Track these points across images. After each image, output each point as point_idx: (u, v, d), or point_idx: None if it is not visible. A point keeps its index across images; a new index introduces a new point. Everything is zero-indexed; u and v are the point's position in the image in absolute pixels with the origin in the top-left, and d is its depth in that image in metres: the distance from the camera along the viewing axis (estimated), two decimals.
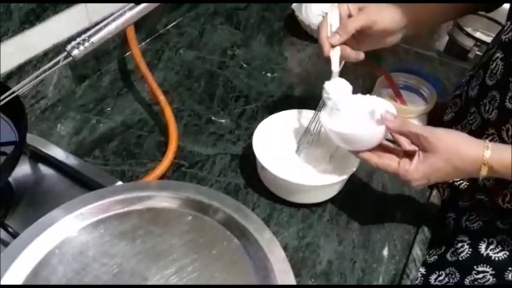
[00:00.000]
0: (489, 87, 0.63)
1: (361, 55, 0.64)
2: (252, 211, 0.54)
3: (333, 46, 0.62)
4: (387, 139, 0.60)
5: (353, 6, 0.64)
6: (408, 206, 0.70)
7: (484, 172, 0.53)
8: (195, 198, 0.54)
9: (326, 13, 0.65)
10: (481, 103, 0.64)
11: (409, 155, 0.57)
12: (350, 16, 0.64)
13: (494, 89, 0.62)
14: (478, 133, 0.65)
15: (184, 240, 0.51)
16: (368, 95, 0.63)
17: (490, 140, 0.63)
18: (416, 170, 0.55)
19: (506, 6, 1.06)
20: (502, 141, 0.61)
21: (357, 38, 0.64)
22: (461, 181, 0.70)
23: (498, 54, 0.62)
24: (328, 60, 0.63)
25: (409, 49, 1.01)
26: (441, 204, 0.72)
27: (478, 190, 0.67)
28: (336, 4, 0.65)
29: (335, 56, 0.62)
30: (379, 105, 0.59)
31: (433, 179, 0.56)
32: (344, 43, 0.62)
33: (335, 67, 0.62)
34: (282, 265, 0.48)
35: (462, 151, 0.54)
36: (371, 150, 0.59)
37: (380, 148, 0.59)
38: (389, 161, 0.57)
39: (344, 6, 0.64)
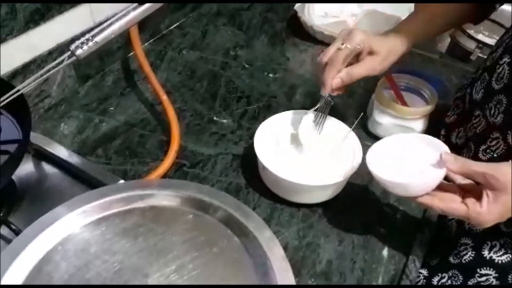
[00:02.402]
0: (496, 91, 0.63)
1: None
2: (253, 210, 0.55)
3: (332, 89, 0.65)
4: None
5: (367, 45, 0.64)
6: (409, 207, 0.70)
7: None
8: (196, 197, 0.55)
9: (342, 44, 0.64)
10: (487, 106, 0.64)
11: (467, 190, 0.55)
12: (359, 52, 0.65)
13: (501, 93, 0.62)
14: (482, 136, 0.65)
15: (185, 238, 0.51)
16: (411, 134, 0.62)
17: (495, 144, 0.63)
18: (489, 212, 0.51)
19: (509, 8, 1.07)
20: (507, 145, 0.61)
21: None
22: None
23: (506, 59, 0.62)
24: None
25: (411, 50, 1.01)
26: None
27: None
28: (354, 33, 0.64)
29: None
30: (429, 144, 0.57)
31: (506, 217, 0.53)
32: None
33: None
34: (282, 263, 0.48)
35: None
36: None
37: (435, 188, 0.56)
38: (455, 204, 0.53)
39: (357, 39, 0.63)
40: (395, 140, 0.61)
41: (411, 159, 0.57)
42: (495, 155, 0.63)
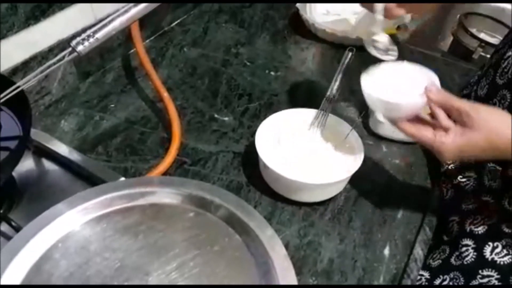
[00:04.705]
0: (500, 86, 0.62)
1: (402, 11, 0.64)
2: (254, 209, 0.54)
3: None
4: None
5: None
6: (410, 206, 0.70)
7: None
8: (197, 194, 0.54)
9: None
10: (491, 102, 0.64)
11: (446, 130, 0.56)
12: None
13: (505, 88, 0.61)
14: None
15: (186, 236, 0.51)
16: (411, 63, 0.63)
17: None
18: (453, 143, 0.54)
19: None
20: None
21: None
22: (468, 182, 0.70)
23: (510, 53, 0.62)
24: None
25: (413, 49, 1.01)
26: (443, 205, 0.72)
27: (484, 191, 0.67)
28: None
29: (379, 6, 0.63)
30: (423, 74, 0.59)
31: (467, 155, 0.55)
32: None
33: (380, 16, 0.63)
34: (283, 262, 0.48)
35: (504, 131, 0.52)
36: (408, 120, 0.58)
37: (417, 119, 0.58)
38: (424, 132, 0.56)
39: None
40: (394, 66, 0.63)
41: (402, 85, 0.59)
42: None
